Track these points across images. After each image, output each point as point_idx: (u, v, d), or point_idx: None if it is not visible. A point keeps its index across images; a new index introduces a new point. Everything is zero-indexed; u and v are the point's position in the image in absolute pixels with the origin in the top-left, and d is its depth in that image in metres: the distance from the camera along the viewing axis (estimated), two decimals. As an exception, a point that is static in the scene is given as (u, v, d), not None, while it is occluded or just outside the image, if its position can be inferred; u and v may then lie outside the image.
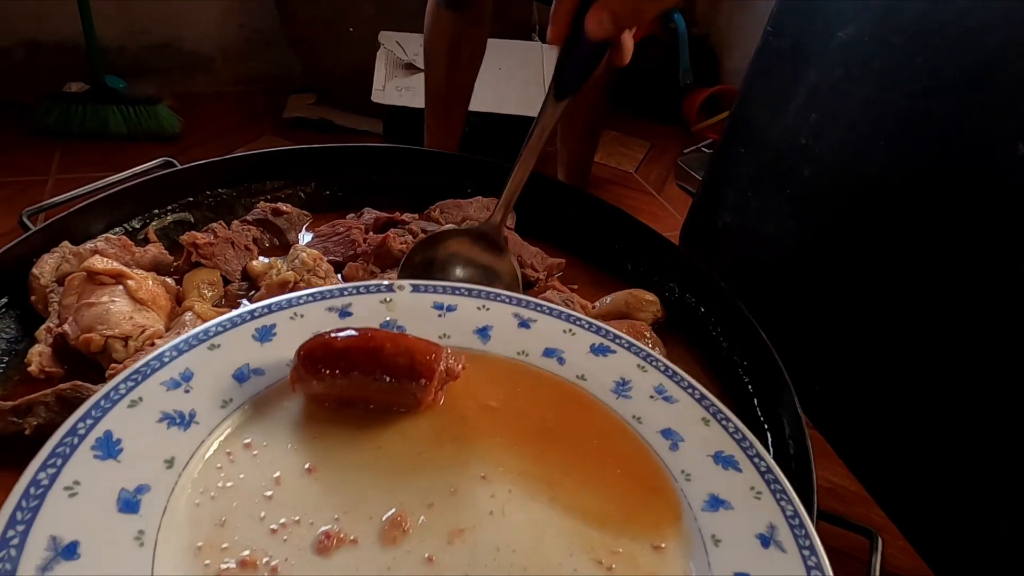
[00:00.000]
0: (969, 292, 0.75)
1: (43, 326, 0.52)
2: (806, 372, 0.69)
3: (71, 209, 0.61)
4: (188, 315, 0.54)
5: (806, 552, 0.35)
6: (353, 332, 0.41)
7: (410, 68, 1.56)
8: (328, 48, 1.71)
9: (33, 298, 0.54)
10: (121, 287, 0.53)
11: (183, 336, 0.41)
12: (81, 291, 0.52)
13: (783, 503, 0.37)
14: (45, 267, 0.54)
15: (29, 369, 0.49)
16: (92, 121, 1.55)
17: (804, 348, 0.78)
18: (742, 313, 0.62)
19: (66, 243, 0.57)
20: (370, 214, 0.71)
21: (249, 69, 1.89)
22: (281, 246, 0.67)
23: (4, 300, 0.55)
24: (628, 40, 0.52)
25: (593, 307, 0.63)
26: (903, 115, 0.88)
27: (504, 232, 0.59)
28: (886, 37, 0.92)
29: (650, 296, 0.65)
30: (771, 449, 0.53)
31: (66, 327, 0.50)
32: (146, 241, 0.64)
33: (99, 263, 0.53)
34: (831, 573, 0.34)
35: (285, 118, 1.73)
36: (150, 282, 0.55)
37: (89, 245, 0.57)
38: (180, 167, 0.69)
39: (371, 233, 0.68)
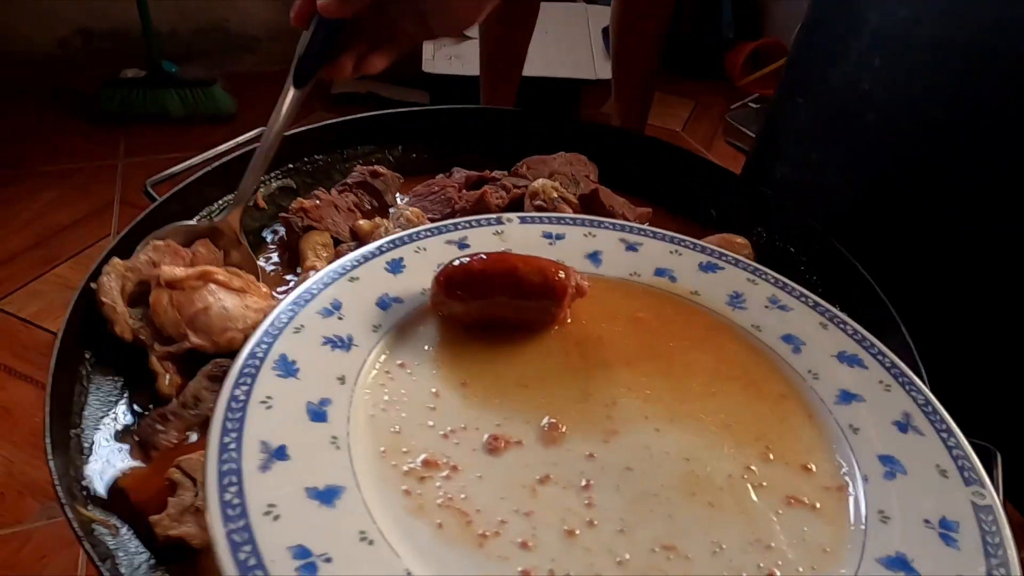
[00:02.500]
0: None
1: (152, 357, 0.49)
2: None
3: (189, 179, 0.64)
4: (311, 273, 0.57)
5: (944, 435, 0.37)
6: (485, 256, 0.43)
7: (459, 36, 1.57)
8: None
9: (118, 329, 0.50)
10: (212, 285, 0.52)
11: (325, 271, 0.44)
12: (178, 304, 0.51)
13: (913, 393, 0.39)
14: (114, 295, 0.50)
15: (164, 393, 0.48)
16: (152, 105, 1.60)
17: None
18: (835, 249, 0.63)
19: (115, 259, 0.53)
20: (460, 173, 0.73)
21: (294, 48, 1.91)
22: (379, 208, 0.70)
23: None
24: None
25: (688, 252, 0.65)
26: (971, 53, 0.87)
27: (238, 228, 0.59)
28: (955, -27, 0.90)
29: (741, 239, 0.67)
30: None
31: (196, 340, 0.49)
32: (256, 207, 0.68)
33: (178, 271, 0.51)
34: (971, 451, 0.36)
35: (333, 93, 1.76)
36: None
37: (143, 257, 0.54)
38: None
39: (465, 191, 0.70)
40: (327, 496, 0.31)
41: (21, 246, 1.21)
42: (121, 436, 0.46)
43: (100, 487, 0.43)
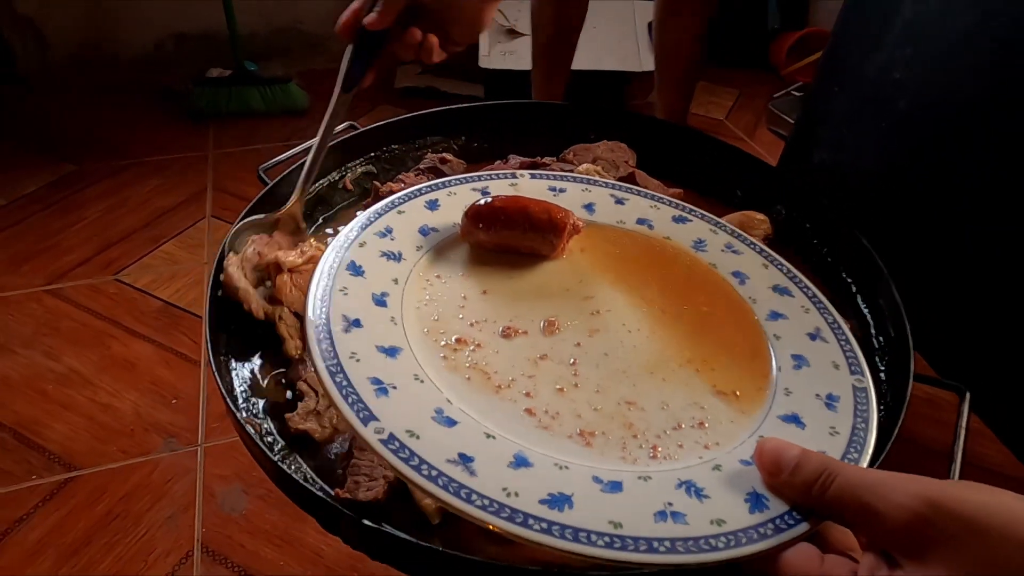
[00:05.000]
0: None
1: (281, 325, 0.57)
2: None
3: (291, 167, 0.78)
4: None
5: (843, 342, 0.48)
6: (504, 197, 0.54)
7: (513, 33, 1.68)
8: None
9: (252, 307, 0.57)
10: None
11: (378, 204, 0.56)
12: (298, 285, 0.58)
13: (825, 315, 0.51)
14: (244, 282, 0.58)
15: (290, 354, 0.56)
16: (236, 102, 1.76)
17: (900, 276, 0.87)
18: (840, 223, 0.72)
19: (231, 254, 0.60)
20: (515, 159, 0.84)
21: (400, 57, 2.06)
22: (447, 189, 0.82)
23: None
24: (414, 34, 0.61)
25: (712, 226, 0.75)
26: (1001, 44, 0.94)
27: (300, 215, 0.65)
28: (983, -32, 0.96)
29: (760, 216, 0.76)
30: (873, 331, 0.65)
31: None
32: (346, 189, 0.81)
33: (293, 258, 0.59)
34: (860, 354, 0.47)
35: (396, 88, 1.90)
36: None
37: (249, 251, 0.62)
38: (362, 129, 0.85)
39: (520, 174, 0.81)
40: (391, 352, 0.43)
41: (135, 225, 1.39)
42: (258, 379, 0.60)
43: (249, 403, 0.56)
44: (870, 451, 0.41)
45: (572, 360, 0.46)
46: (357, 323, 0.44)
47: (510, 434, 0.39)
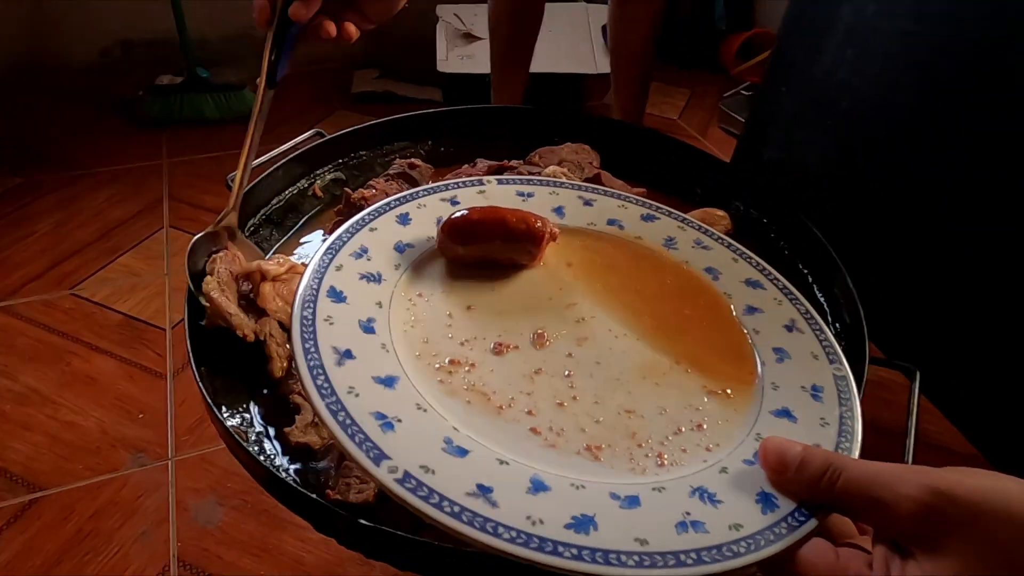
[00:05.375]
0: (990, 198, 0.88)
1: (271, 344, 0.56)
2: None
3: (262, 175, 0.78)
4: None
5: (818, 332, 0.50)
6: (480, 208, 0.53)
7: (469, 37, 1.70)
8: (387, 24, 1.85)
9: (243, 332, 0.56)
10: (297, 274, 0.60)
11: (347, 224, 0.53)
12: (280, 293, 0.59)
13: (798, 306, 0.52)
14: (232, 307, 0.57)
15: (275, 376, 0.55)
16: (189, 109, 1.73)
17: (852, 265, 0.92)
18: (795, 216, 0.76)
19: (209, 278, 0.59)
20: (483, 163, 0.86)
21: (314, 51, 2.04)
22: (416, 194, 0.83)
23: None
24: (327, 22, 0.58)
25: (676, 223, 0.78)
26: (934, 45, 1.00)
27: (236, 224, 0.63)
28: (915, -27, 1.02)
29: (720, 212, 0.80)
30: (830, 318, 0.68)
31: None
32: (315, 196, 0.81)
33: (274, 268, 0.60)
34: (840, 353, 0.48)
35: (353, 93, 1.89)
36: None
37: (221, 270, 0.60)
38: (330, 136, 0.85)
39: (488, 178, 0.83)
40: (388, 382, 0.41)
41: (89, 238, 1.36)
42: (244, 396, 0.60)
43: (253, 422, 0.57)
44: (859, 439, 0.42)
45: (567, 372, 0.46)
46: (349, 354, 0.42)
47: (521, 457, 0.39)
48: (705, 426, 0.43)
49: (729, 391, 0.46)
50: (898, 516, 0.29)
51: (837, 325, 0.68)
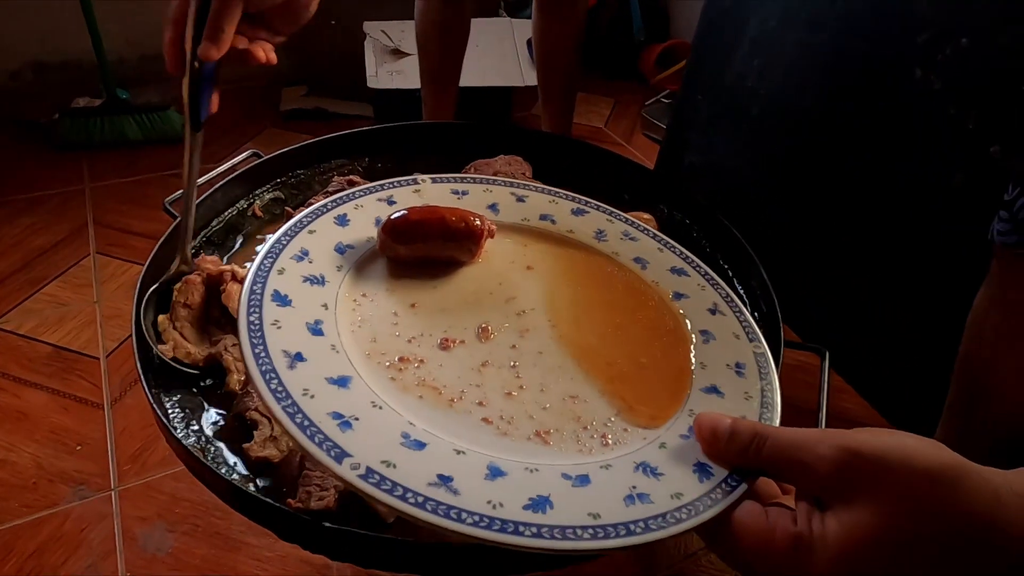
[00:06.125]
0: (880, 190, 0.98)
1: (228, 357, 0.57)
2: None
3: (201, 196, 0.78)
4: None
5: (738, 314, 0.55)
6: (420, 207, 0.54)
7: (398, 53, 1.72)
8: (314, 41, 1.85)
9: (202, 357, 0.58)
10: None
11: (286, 226, 0.54)
12: (231, 293, 0.60)
13: (719, 291, 0.57)
14: (191, 347, 0.59)
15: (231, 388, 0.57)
16: (110, 132, 1.68)
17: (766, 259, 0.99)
18: (715, 217, 0.82)
19: (161, 318, 0.60)
20: (421, 177, 0.89)
21: (238, 69, 2.01)
22: (356, 209, 0.85)
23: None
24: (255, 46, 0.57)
25: (606, 227, 0.83)
26: (828, 54, 1.10)
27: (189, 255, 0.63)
28: (809, -12, 1.12)
29: (647, 215, 0.85)
30: (749, 308, 0.75)
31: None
32: (255, 216, 0.82)
33: (242, 269, 0.60)
34: (759, 332, 0.53)
35: (283, 110, 1.88)
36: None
37: (181, 306, 0.61)
38: (267, 156, 0.86)
39: (426, 191, 0.86)
40: (342, 382, 0.42)
41: (9, 269, 1.30)
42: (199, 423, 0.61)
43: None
44: (779, 409, 0.46)
45: (512, 363, 0.48)
46: (300, 357, 0.43)
47: (476, 446, 0.41)
48: (643, 407, 0.46)
49: (663, 372, 0.49)
50: (816, 474, 0.33)
51: (756, 314, 0.74)
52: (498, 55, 1.73)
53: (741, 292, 0.77)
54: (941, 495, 0.30)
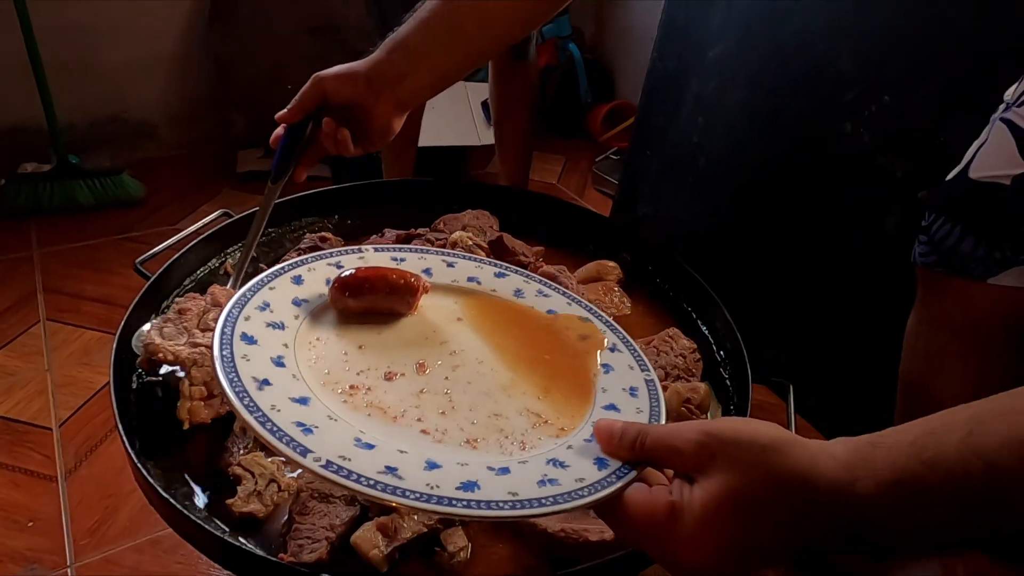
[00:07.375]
0: (823, 234, 1.05)
1: (184, 401, 0.61)
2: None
3: (171, 258, 0.78)
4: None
5: (632, 351, 0.64)
6: (366, 267, 0.64)
7: (356, 115, 1.76)
8: (269, 105, 1.87)
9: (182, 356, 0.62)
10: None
11: (251, 283, 0.62)
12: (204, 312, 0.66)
13: (618, 333, 0.66)
14: (177, 353, 0.62)
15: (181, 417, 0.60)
16: (60, 197, 1.66)
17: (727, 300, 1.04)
18: (675, 262, 0.87)
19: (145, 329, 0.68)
20: (391, 232, 0.91)
21: (193, 131, 2.02)
22: (329, 266, 0.87)
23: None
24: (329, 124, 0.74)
25: (574, 275, 0.87)
26: (766, 111, 1.18)
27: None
28: (745, 52, 1.22)
29: (611, 263, 0.89)
30: (715, 347, 0.78)
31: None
32: (227, 275, 0.82)
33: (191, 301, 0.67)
34: (649, 364, 0.63)
35: (239, 172, 1.88)
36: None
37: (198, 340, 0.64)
38: (237, 216, 0.87)
39: (398, 246, 0.88)
40: (303, 401, 0.50)
41: (-47, 339, 1.25)
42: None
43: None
44: (664, 421, 0.56)
45: (446, 391, 0.57)
46: (266, 382, 0.50)
47: (416, 449, 0.49)
48: (556, 421, 0.55)
49: (571, 396, 0.59)
50: (684, 454, 0.41)
51: (722, 352, 0.78)
52: (454, 116, 1.79)
53: (706, 333, 0.81)
54: (772, 461, 0.38)
